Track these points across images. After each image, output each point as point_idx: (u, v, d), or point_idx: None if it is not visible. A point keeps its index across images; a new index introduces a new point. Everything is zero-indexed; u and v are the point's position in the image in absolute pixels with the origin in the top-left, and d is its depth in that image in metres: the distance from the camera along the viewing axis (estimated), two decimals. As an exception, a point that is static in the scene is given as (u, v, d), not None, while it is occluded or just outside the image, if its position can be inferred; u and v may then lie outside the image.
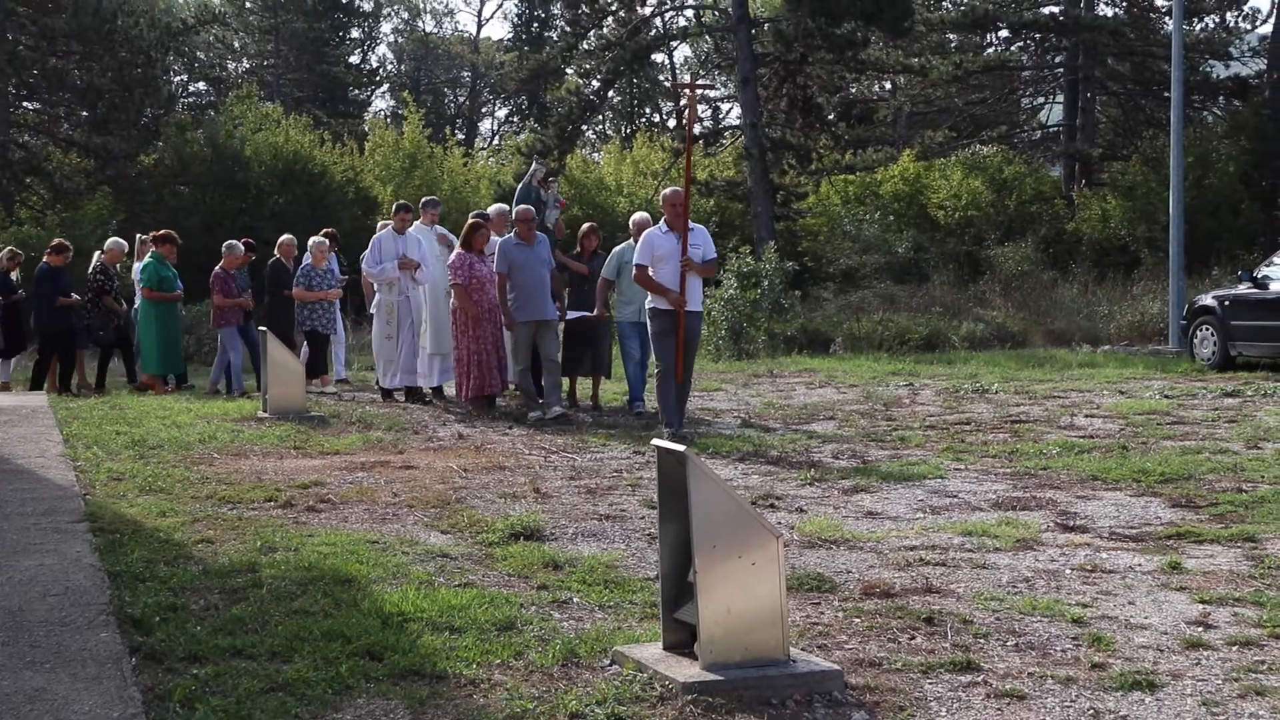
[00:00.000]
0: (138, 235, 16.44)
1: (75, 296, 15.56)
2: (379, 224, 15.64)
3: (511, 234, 12.39)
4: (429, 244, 13.87)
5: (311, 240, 15.20)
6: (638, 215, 12.68)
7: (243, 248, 15.60)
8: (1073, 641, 4.91)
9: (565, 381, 13.35)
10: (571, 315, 12.90)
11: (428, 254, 13.72)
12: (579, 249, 13.55)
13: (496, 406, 12.61)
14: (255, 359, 15.70)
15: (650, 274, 10.61)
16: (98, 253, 16.13)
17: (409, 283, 13.63)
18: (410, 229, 13.88)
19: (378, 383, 14.08)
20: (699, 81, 11.35)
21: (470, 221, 12.75)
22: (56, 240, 16.17)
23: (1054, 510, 7.51)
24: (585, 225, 13.95)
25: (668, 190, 10.95)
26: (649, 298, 10.83)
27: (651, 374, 12.47)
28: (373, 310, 14.12)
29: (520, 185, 14.51)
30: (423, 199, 15.68)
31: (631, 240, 12.23)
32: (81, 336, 15.77)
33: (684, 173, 11.70)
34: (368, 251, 13.95)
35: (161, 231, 15.50)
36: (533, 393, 12.11)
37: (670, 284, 10.53)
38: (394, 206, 14.26)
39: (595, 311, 12.78)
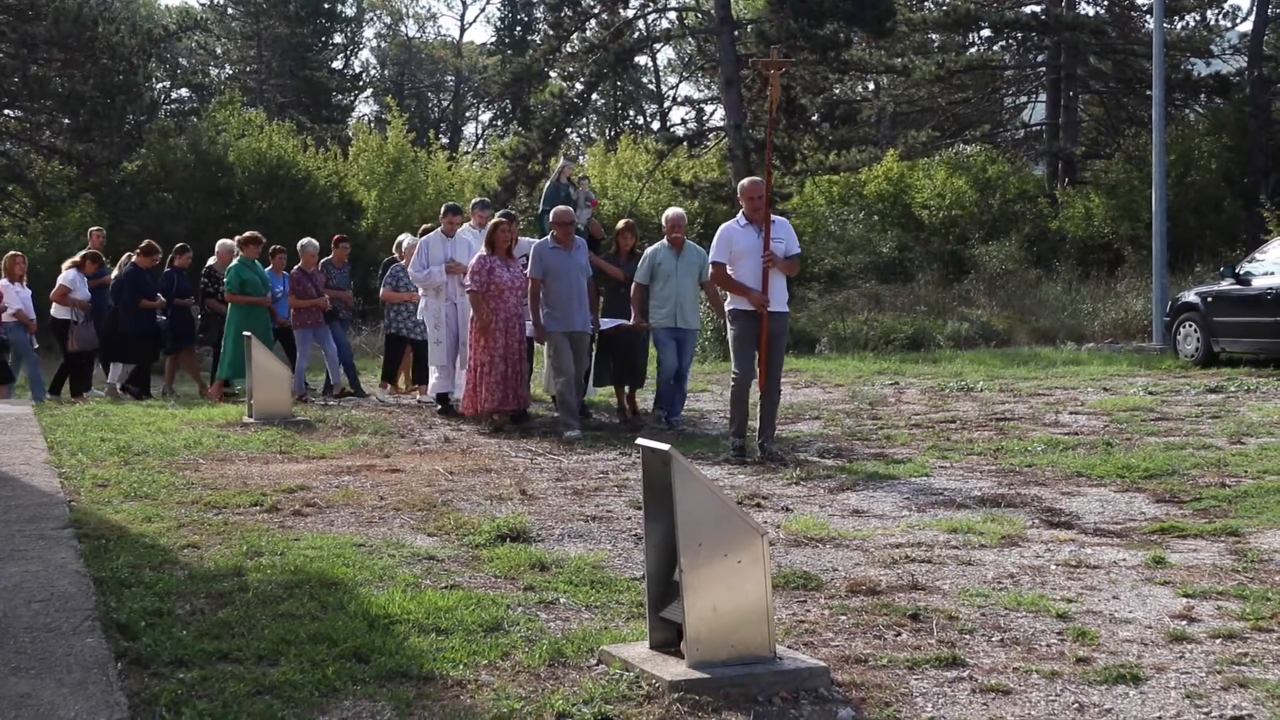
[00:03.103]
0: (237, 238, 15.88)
1: (161, 299, 15.26)
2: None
3: (548, 236, 11.51)
4: (479, 248, 12.72)
5: (405, 239, 14.66)
6: (671, 212, 11.85)
7: (316, 245, 15.23)
8: (1057, 636, 4.93)
9: (591, 393, 12.77)
10: (608, 324, 12.09)
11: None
12: (615, 249, 12.70)
13: (529, 420, 11.83)
14: (345, 359, 15.44)
15: (728, 272, 9.68)
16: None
17: (457, 289, 12.59)
18: (460, 230, 13.24)
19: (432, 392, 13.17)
20: (780, 59, 10.72)
21: (493, 220, 11.85)
22: (146, 241, 15.77)
23: (1039, 506, 7.55)
24: (621, 223, 12.96)
25: (745, 181, 9.88)
26: (729, 299, 9.84)
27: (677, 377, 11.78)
28: (420, 317, 13.48)
29: (548, 184, 13.55)
30: (472, 200, 15.11)
31: (665, 240, 11.61)
32: (168, 341, 15.59)
33: (765, 166, 10.67)
34: (414, 256, 13.11)
35: (247, 234, 15.11)
36: (573, 408, 11.31)
37: (751, 282, 9.57)
38: (443, 208, 13.45)
39: (633, 321, 11.79)
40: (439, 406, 12.76)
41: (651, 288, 11.58)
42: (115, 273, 15.75)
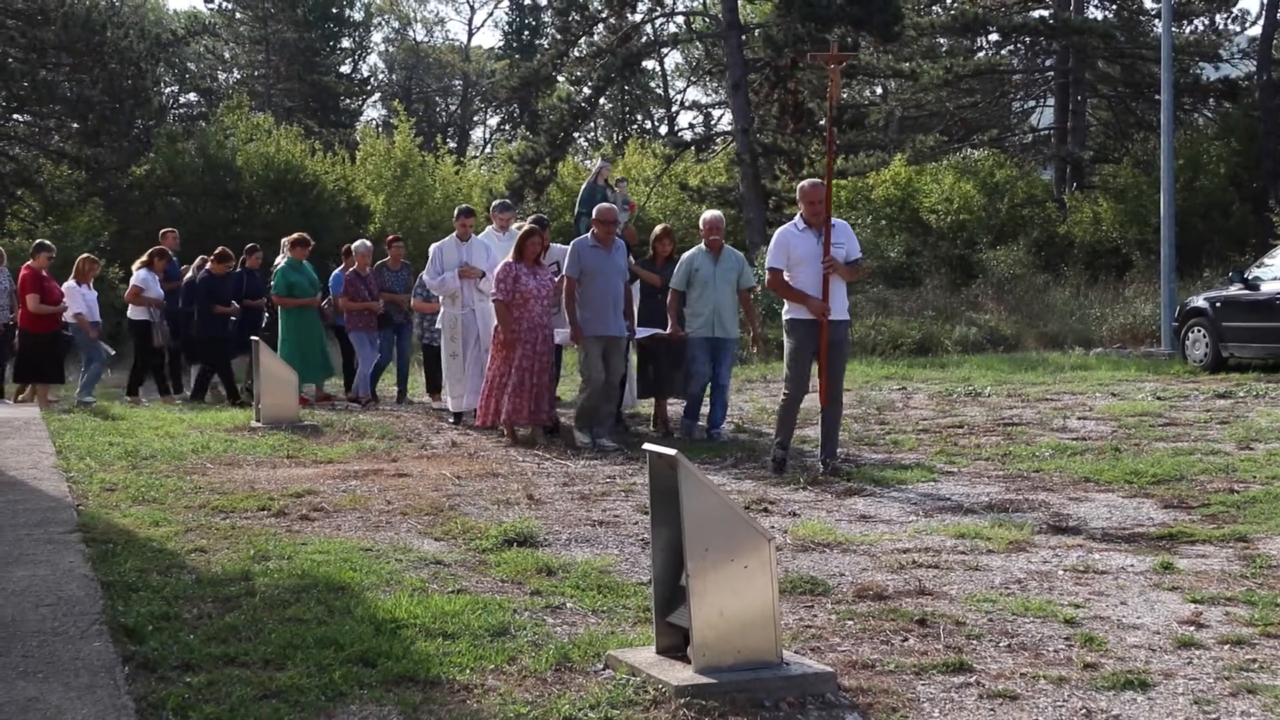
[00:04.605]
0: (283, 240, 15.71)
1: (235, 304, 15.22)
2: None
3: (587, 234, 11.06)
4: (498, 251, 12.31)
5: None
6: (709, 214, 11.41)
7: (369, 246, 14.95)
8: (1065, 642, 4.92)
9: (631, 403, 12.30)
10: (644, 332, 11.50)
11: (496, 262, 11.80)
12: (651, 254, 12.11)
13: (542, 436, 11.11)
14: (400, 364, 15.32)
15: (786, 279, 9.13)
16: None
17: (474, 294, 12.26)
18: (483, 234, 12.92)
19: (447, 406, 12.71)
20: (839, 53, 10.28)
21: (525, 229, 11.32)
22: (220, 248, 15.70)
23: (1046, 512, 7.53)
24: (659, 228, 12.43)
25: (804, 183, 9.37)
26: (786, 307, 9.29)
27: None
28: (438, 326, 13.04)
29: (584, 185, 13.19)
30: (493, 201, 14.80)
31: (702, 244, 11.23)
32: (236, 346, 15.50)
33: (824, 168, 10.27)
34: (429, 263, 12.64)
35: (295, 235, 15.07)
36: (590, 415, 10.82)
37: (811, 290, 9.01)
38: (455, 211, 13.11)
39: (669, 330, 11.21)
40: (453, 419, 12.48)
41: (688, 295, 11.13)
42: (189, 275, 15.85)
